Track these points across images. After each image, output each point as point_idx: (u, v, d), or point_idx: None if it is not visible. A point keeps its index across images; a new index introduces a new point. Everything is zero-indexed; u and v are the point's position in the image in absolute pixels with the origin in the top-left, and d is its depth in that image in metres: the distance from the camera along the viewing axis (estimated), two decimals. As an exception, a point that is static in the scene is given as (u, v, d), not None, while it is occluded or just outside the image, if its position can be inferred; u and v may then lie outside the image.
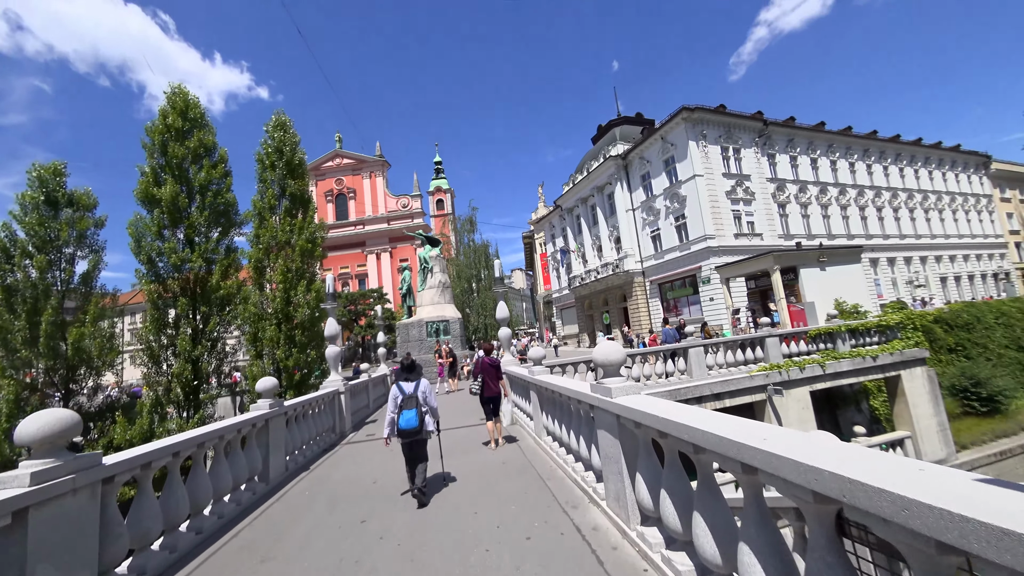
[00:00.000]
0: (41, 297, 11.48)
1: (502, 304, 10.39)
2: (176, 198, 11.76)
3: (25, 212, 11.77)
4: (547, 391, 5.73)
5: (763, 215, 27.73)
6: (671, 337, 11.83)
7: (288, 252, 12.74)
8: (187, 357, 11.44)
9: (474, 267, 33.13)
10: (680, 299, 29.44)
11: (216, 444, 4.47)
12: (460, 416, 10.13)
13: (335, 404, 8.86)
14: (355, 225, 56.41)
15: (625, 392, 3.30)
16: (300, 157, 13.63)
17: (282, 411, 6.00)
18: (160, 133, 12.20)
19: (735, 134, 28.11)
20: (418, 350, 22.19)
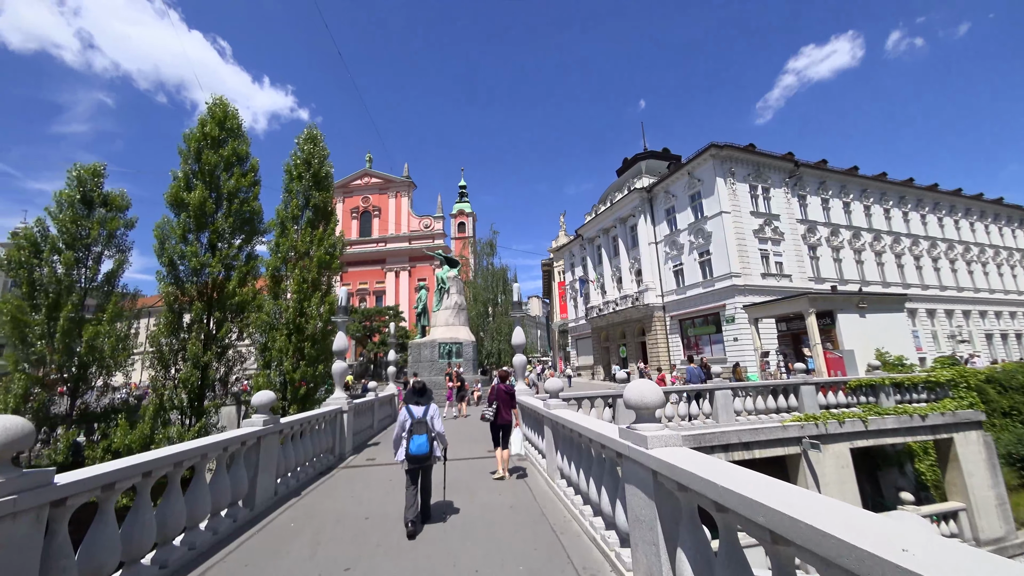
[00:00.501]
0: (64, 293, 11.61)
1: (519, 330, 9.92)
2: (204, 203, 11.93)
3: (60, 209, 12.10)
4: (564, 429, 5.16)
5: (792, 256, 26.79)
6: (696, 377, 11.05)
7: (306, 263, 12.68)
8: (196, 363, 11.26)
9: (491, 291, 32.82)
10: (702, 337, 28.34)
11: (198, 463, 4.05)
12: (467, 444, 9.50)
13: (336, 423, 8.40)
14: (377, 242, 57.41)
15: (664, 443, 2.76)
16: (327, 170, 13.81)
17: (277, 429, 5.57)
18: (196, 140, 12.56)
19: (764, 173, 27.64)
20: (429, 371, 21.69)
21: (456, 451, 8.54)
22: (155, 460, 3.34)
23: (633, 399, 2.96)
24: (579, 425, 4.37)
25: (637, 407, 2.96)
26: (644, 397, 2.92)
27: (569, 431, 4.93)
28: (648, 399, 2.91)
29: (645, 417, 3.00)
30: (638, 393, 2.95)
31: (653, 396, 2.93)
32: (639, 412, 3.01)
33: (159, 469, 3.41)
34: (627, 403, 3.02)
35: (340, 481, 6.71)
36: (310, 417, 6.98)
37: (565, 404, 6.01)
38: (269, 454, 5.41)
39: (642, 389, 2.94)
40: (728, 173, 26.60)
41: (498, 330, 30.09)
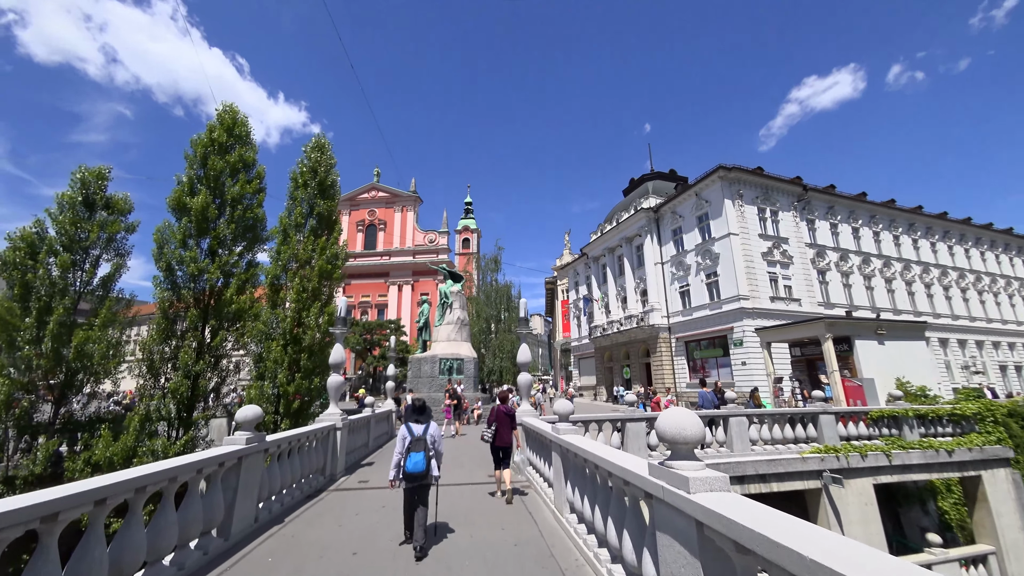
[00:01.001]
0: (56, 296, 11.28)
1: (524, 347, 9.47)
2: (206, 208, 11.70)
3: (61, 211, 11.90)
4: (576, 458, 4.68)
5: (802, 280, 26.35)
6: (709, 402, 10.50)
7: (306, 272, 12.35)
8: (186, 372, 10.82)
9: (495, 307, 32.38)
10: (708, 360, 27.70)
11: (166, 487, 3.60)
12: (465, 467, 8.94)
13: (329, 442, 7.90)
14: (381, 255, 57.39)
15: (709, 486, 2.31)
16: (333, 179, 13.63)
17: (261, 448, 5.11)
18: (203, 146, 12.42)
19: (773, 196, 27.47)
20: (429, 387, 21.10)
21: (454, 475, 8.02)
22: (111, 486, 2.90)
23: (670, 431, 2.53)
24: (595, 455, 3.90)
25: (674, 441, 2.53)
26: (683, 429, 2.49)
27: (582, 461, 4.45)
28: (688, 432, 2.48)
29: (683, 453, 2.56)
30: (675, 424, 2.51)
31: (693, 429, 2.49)
32: (676, 447, 2.57)
33: (116, 496, 2.97)
34: (662, 435, 2.59)
35: (329, 506, 6.18)
36: (300, 435, 6.50)
37: (575, 428, 5.54)
38: (251, 476, 4.94)
39: (680, 420, 2.51)
40: (736, 195, 26.44)
41: (500, 347, 29.53)
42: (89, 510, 2.81)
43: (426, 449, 4.60)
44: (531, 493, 6.88)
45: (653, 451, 9.57)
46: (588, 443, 4.53)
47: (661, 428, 2.58)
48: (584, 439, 4.89)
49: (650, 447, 9.52)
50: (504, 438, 6.70)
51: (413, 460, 4.53)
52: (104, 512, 2.92)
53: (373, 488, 7.31)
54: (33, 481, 10.16)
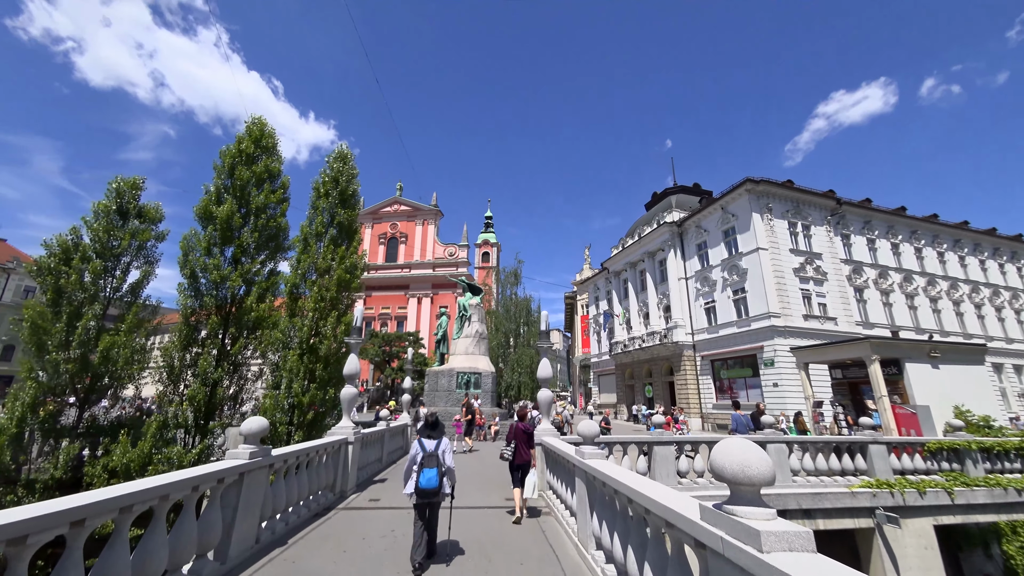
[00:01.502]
0: (87, 302, 11.52)
1: (545, 362, 9.00)
2: (231, 217, 11.85)
3: (96, 218, 12.26)
4: (605, 488, 4.18)
5: (837, 297, 25.00)
6: (743, 426, 9.73)
7: (325, 280, 12.30)
8: (205, 379, 10.79)
9: (514, 321, 31.93)
10: (736, 380, 26.41)
11: (156, 506, 3.31)
12: (481, 487, 8.44)
13: (340, 456, 7.58)
14: (402, 268, 58.06)
15: (789, 543, 1.83)
16: (354, 188, 13.70)
17: (266, 463, 4.82)
18: (231, 156, 12.69)
19: (804, 210, 26.40)
20: (446, 401, 20.74)
21: (469, 496, 7.56)
22: (90, 505, 2.61)
23: (730, 467, 2.06)
24: (628, 486, 3.42)
25: (735, 480, 2.06)
26: (747, 466, 2.02)
27: (611, 491, 3.96)
28: (754, 469, 2.02)
29: (747, 497, 2.09)
30: (737, 459, 2.05)
31: (761, 466, 2.03)
32: (738, 488, 2.11)
33: (96, 516, 2.68)
34: (720, 471, 2.13)
35: (336, 527, 5.81)
36: (309, 449, 6.20)
37: (602, 453, 5.04)
38: (254, 493, 4.63)
39: (744, 454, 2.05)
40: (765, 209, 25.51)
41: (519, 361, 28.97)
42: (64, 531, 2.52)
43: (438, 465, 4.59)
44: (551, 520, 6.35)
45: (683, 478, 8.88)
46: (618, 471, 4.04)
47: (719, 464, 2.12)
48: (613, 466, 4.40)
49: (680, 474, 8.83)
50: (523, 456, 6.64)
51: (426, 476, 4.51)
52: (82, 535, 2.63)
53: (383, 508, 6.92)
54: (53, 486, 10.19)
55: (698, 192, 37.90)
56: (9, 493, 9.73)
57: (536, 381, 35.27)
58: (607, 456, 7.37)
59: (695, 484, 8.83)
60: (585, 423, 5.36)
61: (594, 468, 4.48)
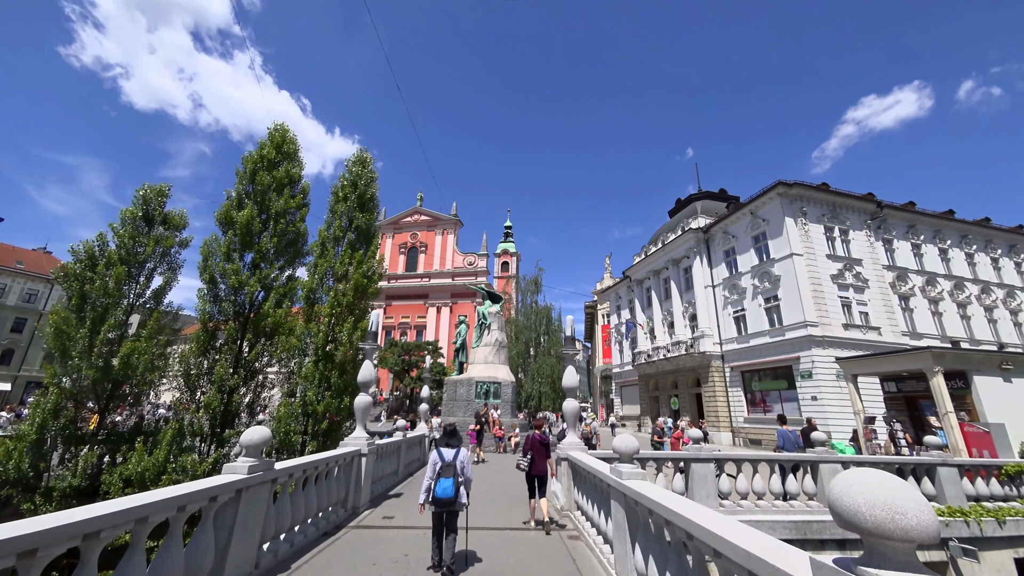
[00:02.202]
0: (111, 307, 11.58)
1: (571, 370, 8.37)
2: (251, 222, 11.79)
3: (123, 225, 12.41)
4: (652, 516, 3.54)
5: (880, 306, 23.42)
6: (791, 443, 8.79)
7: (342, 286, 12.06)
8: (221, 386, 10.60)
9: (534, 329, 31.23)
10: (769, 392, 24.96)
11: (134, 530, 2.87)
12: (497, 503, 7.81)
13: (352, 470, 7.12)
14: (421, 277, 58.37)
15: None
16: (372, 193, 13.52)
17: (268, 478, 4.37)
18: (254, 162, 12.71)
19: (841, 214, 25.02)
20: (464, 411, 20.19)
21: (484, 514, 6.98)
22: (51, 530, 2.18)
23: (870, 512, 1.43)
24: (691, 521, 2.78)
25: (881, 532, 1.43)
26: (901, 513, 1.40)
27: (662, 522, 3.32)
28: (912, 520, 1.38)
29: (897, 558, 1.45)
30: (882, 501, 1.42)
31: (920, 515, 1.40)
32: (883, 544, 1.47)
33: (56, 544, 2.24)
34: (849, 516, 1.49)
35: (345, 549, 5.31)
36: (318, 461, 5.75)
37: (643, 473, 4.39)
38: (253, 512, 4.18)
39: (892, 495, 1.42)
40: (799, 213, 24.28)
41: (540, 371, 28.19)
42: (9, 563, 2.09)
43: (455, 475, 4.61)
44: (581, 547, 5.68)
45: (725, 500, 8.04)
46: (670, 498, 3.39)
47: (849, 505, 1.49)
48: (660, 490, 3.75)
49: (721, 495, 8.01)
50: (539, 467, 6.63)
51: (443, 486, 4.54)
52: (36, 568, 2.20)
53: (398, 527, 6.38)
54: (70, 494, 10.09)
55: (724, 198, 36.67)
56: (26, 502, 9.66)
57: (558, 392, 34.24)
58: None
59: (738, 507, 7.98)
60: (622, 438, 4.72)
61: (636, 491, 3.85)
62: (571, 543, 5.82)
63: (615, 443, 4.71)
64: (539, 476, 6.57)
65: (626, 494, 4.17)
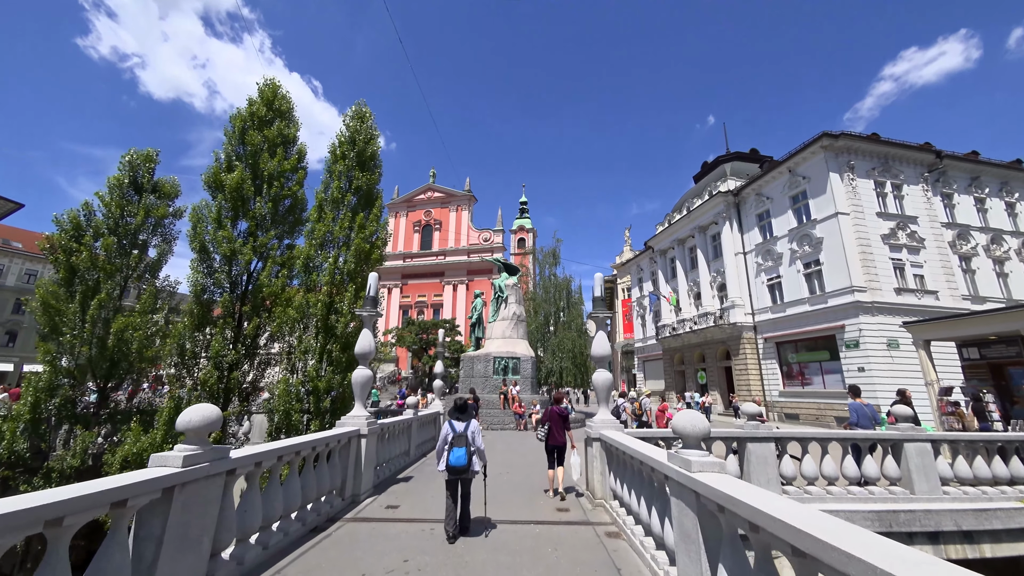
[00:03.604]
0: (102, 280, 10.84)
1: (601, 336, 7.13)
2: (241, 184, 10.74)
3: (111, 193, 11.56)
4: (763, 535, 2.32)
5: (937, 268, 21.19)
6: (866, 419, 7.41)
7: (343, 251, 11.00)
8: (218, 362, 9.83)
9: (553, 303, 29.94)
10: (808, 364, 23.31)
11: None
12: (519, 490, 6.76)
13: (350, 453, 6.14)
14: (436, 255, 57.49)
15: None
16: (373, 150, 12.23)
17: (216, 470, 3.33)
18: (242, 120, 11.58)
19: (894, 167, 22.49)
20: (482, 388, 19.35)
21: (503, 504, 5.94)
22: None
23: None
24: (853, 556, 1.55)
25: None
26: None
27: (769, 538, 2.09)
28: None
29: None
30: None
31: None
32: None
33: None
34: None
35: (331, 553, 4.31)
36: (300, 445, 4.73)
37: (721, 463, 3.16)
38: (197, 515, 3.15)
39: None
40: (845, 167, 21.92)
41: (560, 346, 27.07)
42: None
43: (467, 445, 4.89)
44: (623, 547, 4.56)
45: (788, 485, 6.81)
46: (787, 508, 2.15)
47: None
48: (764, 493, 2.50)
49: (784, 479, 6.77)
50: (557, 438, 6.81)
51: (456, 455, 4.82)
52: None
53: (402, 520, 5.38)
54: (70, 475, 9.60)
55: (756, 158, 33.98)
56: (25, 483, 9.20)
57: (580, 367, 33.13)
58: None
59: (806, 494, 6.73)
60: (686, 415, 3.46)
61: (720, 492, 2.63)
62: (611, 542, 4.71)
63: (677, 421, 3.47)
64: (557, 447, 6.80)
65: (699, 493, 2.97)
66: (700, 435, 3.38)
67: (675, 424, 3.48)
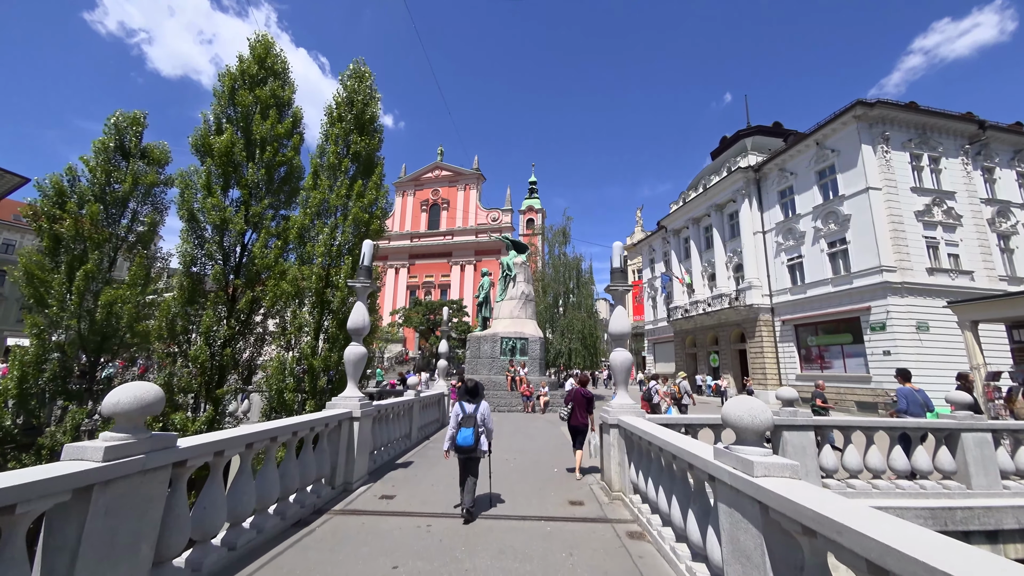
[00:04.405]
0: (89, 250, 10.29)
1: (621, 312, 6.39)
2: (232, 148, 9.98)
3: (96, 157, 10.90)
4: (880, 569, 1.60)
5: (974, 247, 19.89)
6: (917, 405, 6.62)
7: (340, 222, 10.27)
8: (209, 337, 9.30)
9: (563, 282, 29.04)
10: (829, 348, 22.40)
11: None
12: (527, 479, 6.14)
13: (341, 437, 5.54)
14: (444, 235, 56.64)
15: None
16: (373, 113, 11.31)
17: (154, 464, 2.69)
18: (232, 79, 10.73)
19: (933, 139, 20.92)
20: (489, 369, 18.83)
21: (512, 498, 5.33)
22: None
23: None
24: None
25: None
26: None
27: None
28: None
29: None
30: None
31: None
32: None
33: None
34: None
35: (314, 551, 3.73)
36: (280, 429, 4.11)
37: (791, 465, 2.44)
38: (128, 518, 2.53)
39: None
40: (879, 138, 20.42)
41: (569, 327, 26.33)
42: None
43: (475, 425, 4.97)
44: (648, 551, 3.91)
45: (829, 479, 6.10)
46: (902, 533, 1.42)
47: None
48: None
49: (825, 472, 6.06)
50: (579, 418, 6.92)
51: (463, 435, 4.90)
52: None
53: (397, 514, 4.79)
54: (60, 452, 9.23)
55: (779, 132, 32.24)
56: (13, 460, 8.87)
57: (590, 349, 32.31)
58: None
59: (849, 488, 6.03)
60: (742, 403, 2.72)
61: (809, 509, 1.91)
62: (634, 545, 4.05)
63: (731, 410, 2.73)
64: (578, 428, 6.91)
65: (768, 506, 2.25)
66: (761, 429, 2.64)
67: (729, 413, 2.74)
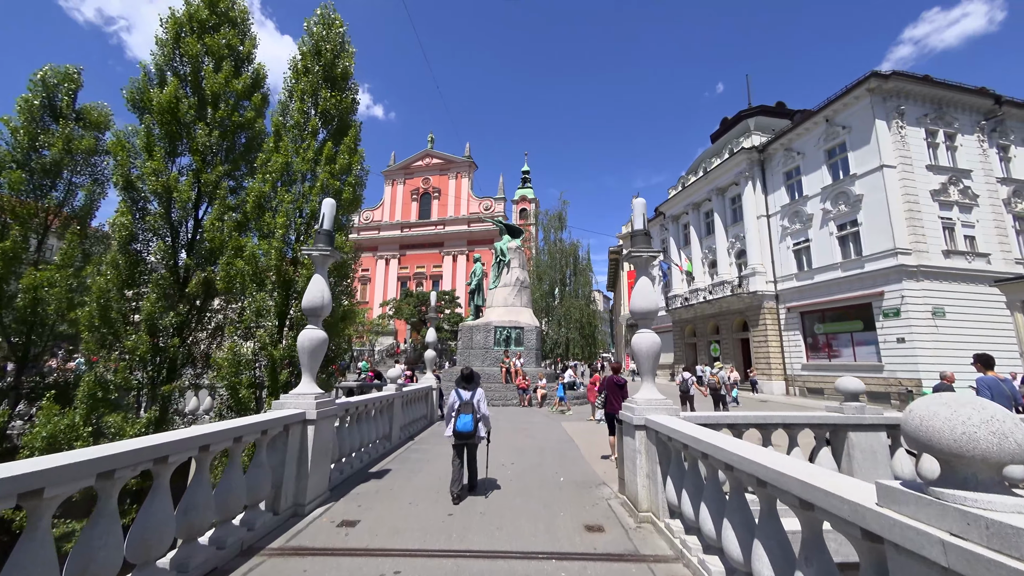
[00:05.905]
0: (10, 226, 8.74)
1: (645, 284, 5.10)
2: (176, 104, 8.45)
3: (20, 117, 9.28)
4: None
5: (990, 228, 18.99)
6: (1005, 398, 5.46)
7: (308, 191, 8.83)
8: (152, 326, 7.88)
9: (559, 269, 27.79)
10: (837, 336, 21.46)
11: None
12: (528, 491, 4.86)
13: (288, 446, 4.21)
14: (436, 225, 55.05)
15: None
16: (345, 66, 9.74)
17: None
18: (177, 24, 9.13)
19: (948, 115, 19.88)
20: (482, 360, 17.58)
21: (512, 519, 4.04)
22: None
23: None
24: None
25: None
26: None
27: None
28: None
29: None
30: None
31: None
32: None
33: None
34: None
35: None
36: (179, 444, 2.76)
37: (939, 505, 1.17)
38: None
39: None
40: (894, 113, 19.31)
41: (567, 315, 25.13)
42: None
43: (473, 412, 5.11)
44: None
45: (904, 490, 4.92)
46: None
47: None
48: None
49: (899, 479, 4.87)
50: (614, 405, 6.76)
51: (462, 421, 5.02)
52: None
53: (357, 553, 3.47)
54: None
55: (784, 112, 31.08)
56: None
57: (587, 338, 31.16)
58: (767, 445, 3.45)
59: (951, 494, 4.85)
60: (954, 405, 1.48)
61: None
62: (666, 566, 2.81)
63: (938, 426, 1.46)
64: (612, 415, 6.74)
65: None
66: (1004, 460, 1.37)
67: (936, 431, 1.46)
